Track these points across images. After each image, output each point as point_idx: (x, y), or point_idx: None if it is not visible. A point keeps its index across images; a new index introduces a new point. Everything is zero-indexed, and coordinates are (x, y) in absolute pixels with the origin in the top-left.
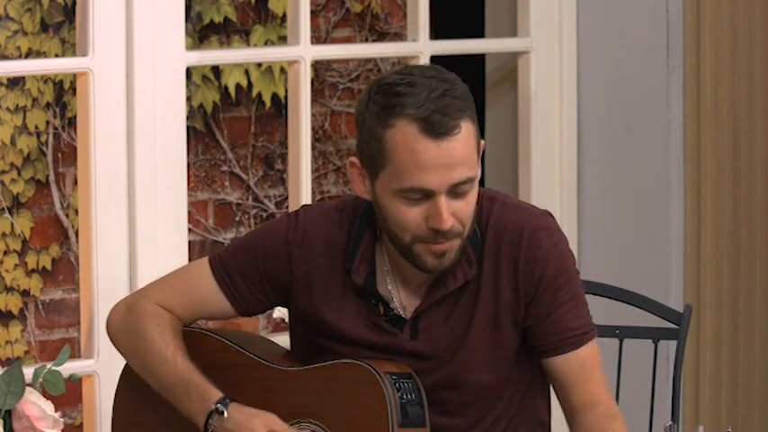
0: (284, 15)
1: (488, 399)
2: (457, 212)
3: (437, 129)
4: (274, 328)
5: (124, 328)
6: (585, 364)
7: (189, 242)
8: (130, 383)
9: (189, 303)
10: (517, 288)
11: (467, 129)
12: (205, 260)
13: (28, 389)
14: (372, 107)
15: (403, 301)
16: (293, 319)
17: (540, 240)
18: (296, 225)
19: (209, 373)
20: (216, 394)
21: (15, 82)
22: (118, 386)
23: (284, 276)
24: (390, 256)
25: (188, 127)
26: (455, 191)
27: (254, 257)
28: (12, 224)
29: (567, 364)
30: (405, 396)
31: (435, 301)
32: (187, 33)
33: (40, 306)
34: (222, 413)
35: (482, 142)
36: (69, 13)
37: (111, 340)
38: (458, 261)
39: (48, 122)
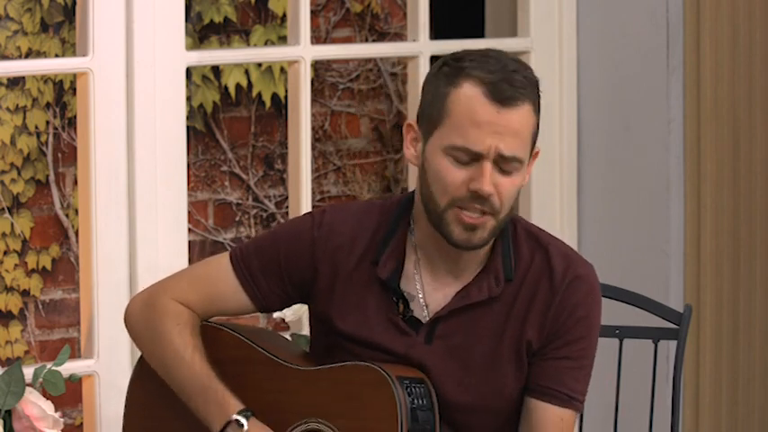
0: (284, 15)
1: (491, 421)
2: (499, 187)
3: (501, 95)
4: (274, 328)
5: (143, 323)
6: (562, 423)
7: (189, 242)
8: (145, 375)
9: (208, 299)
10: (543, 328)
11: (528, 111)
12: (225, 256)
13: (28, 389)
14: (444, 70)
15: (427, 302)
16: (311, 315)
17: (578, 288)
18: (321, 223)
19: (222, 367)
20: (236, 405)
21: (15, 82)
22: (132, 379)
23: (307, 274)
24: (421, 248)
25: (188, 127)
26: (501, 165)
27: (276, 255)
28: (12, 224)
29: (546, 413)
30: (416, 401)
31: (456, 309)
32: (187, 33)
33: (40, 306)
34: (242, 426)
35: (538, 148)
36: (69, 13)
37: (129, 333)
38: (486, 242)
39: (48, 122)
